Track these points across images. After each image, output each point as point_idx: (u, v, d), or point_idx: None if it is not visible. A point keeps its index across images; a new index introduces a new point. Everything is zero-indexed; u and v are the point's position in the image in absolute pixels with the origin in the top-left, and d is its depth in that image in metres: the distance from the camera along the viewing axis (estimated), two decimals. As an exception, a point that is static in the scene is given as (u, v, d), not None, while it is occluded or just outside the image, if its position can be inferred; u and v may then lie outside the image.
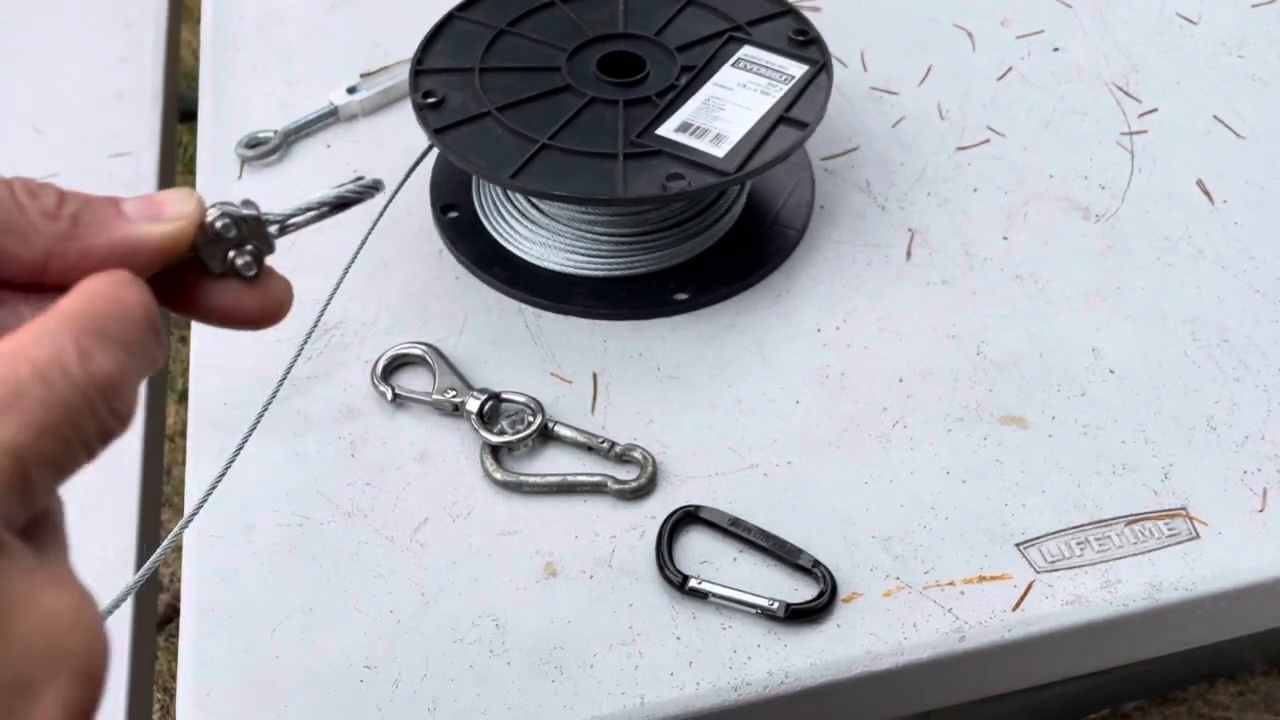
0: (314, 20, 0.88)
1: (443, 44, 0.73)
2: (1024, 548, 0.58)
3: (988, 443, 0.62)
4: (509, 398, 0.63)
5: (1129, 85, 0.82)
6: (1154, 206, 0.74)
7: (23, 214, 0.29)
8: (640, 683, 0.53)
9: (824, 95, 0.69)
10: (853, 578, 0.57)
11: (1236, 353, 0.66)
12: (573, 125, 0.67)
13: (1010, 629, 0.55)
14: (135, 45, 0.89)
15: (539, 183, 0.64)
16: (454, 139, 0.67)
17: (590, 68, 0.71)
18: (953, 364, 0.66)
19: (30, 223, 0.29)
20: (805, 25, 0.73)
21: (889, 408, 0.64)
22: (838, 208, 0.74)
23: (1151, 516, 0.59)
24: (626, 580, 0.57)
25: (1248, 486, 0.60)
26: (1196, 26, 0.87)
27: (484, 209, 0.73)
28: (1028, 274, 0.70)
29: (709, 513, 0.58)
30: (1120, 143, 0.78)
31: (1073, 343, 0.67)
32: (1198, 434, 0.62)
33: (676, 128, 0.67)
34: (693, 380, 0.65)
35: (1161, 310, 0.68)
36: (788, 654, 0.54)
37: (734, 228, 0.72)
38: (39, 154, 0.81)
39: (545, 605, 0.56)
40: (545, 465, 0.61)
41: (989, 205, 0.74)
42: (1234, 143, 0.78)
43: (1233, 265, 0.71)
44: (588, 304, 0.68)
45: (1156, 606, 0.56)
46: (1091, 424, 0.63)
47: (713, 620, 0.55)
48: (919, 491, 0.60)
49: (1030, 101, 0.81)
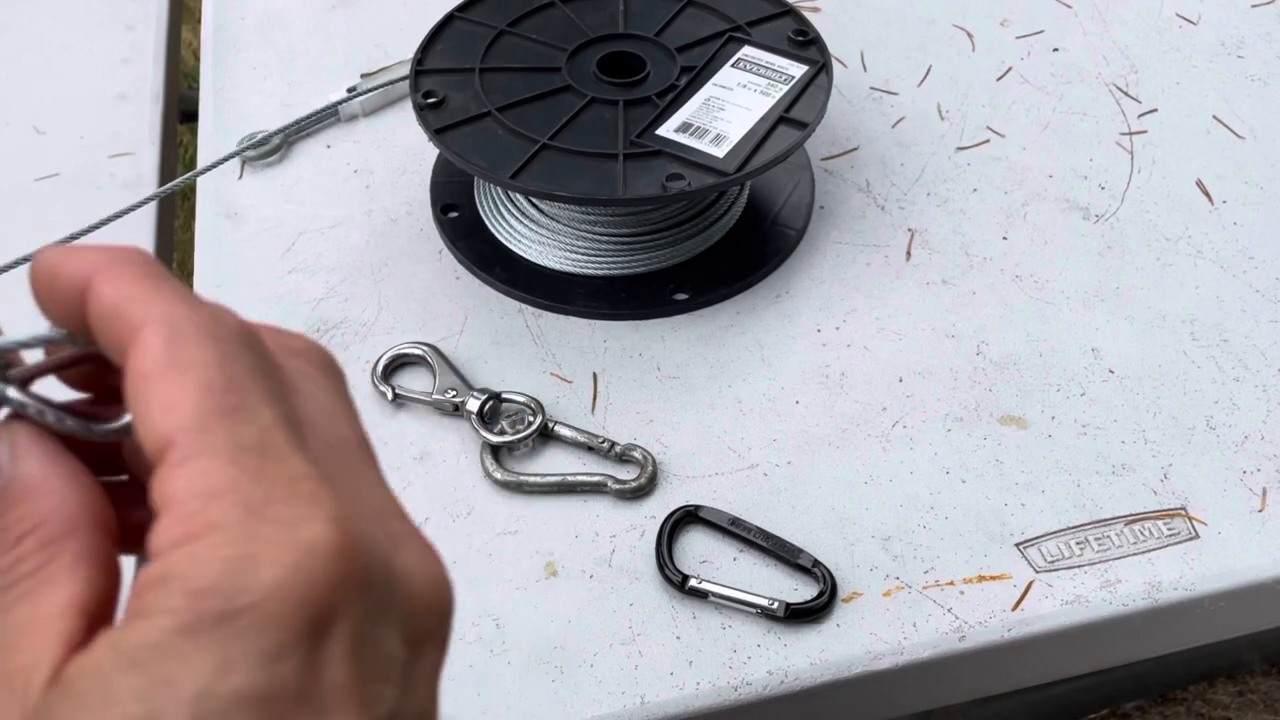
0: (314, 21, 0.89)
1: (443, 44, 0.73)
2: (1023, 547, 0.58)
3: (987, 442, 0.62)
4: (509, 398, 0.63)
5: (1128, 86, 0.83)
6: (1153, 207, 0.74)
7: None
8: (640, 682, 0.53)
9: (824, 95, 0.69)
10: (852, 577, 0.57)
11: (1236, 353, 0.66)
12: (573, 125, 0.67)
13: (1010, 629, 0.55)
14: (137, 46, 0.89)
15: (539, 183, 0.64)
16: (454, 139, 0.67)
17: (590, 68, 0.71)
18: (952, 364, 0.66)
19: None
20: (805, 25, 0.74)
21: (888, 408, 0.64)
22: (837, 208, 0.74)
23: (1151, 516, 0.59)
24: (626, 580, 0.57)
25: (1247, 486, 0.60)
26: (1196, 27, 0.87)
27: (484, 209, 0.73)
28: (1027, 274, 0.70)
29: (709, 512, 0.58)
30: (1120, 143, 0.78)
31: (1072, 343, 0.67)
32: (1197, 434, 0.62)
33: (676, 128, 0.67)
34: (693, 380, 0.65)
35: (1161, 310, 0.68)
36: (788, 654, 0.54)
37: (734, 228, 0.72)
38: (40, 154, 0.81)
39: (545, 605, 0.56)
40: (545, 465, 0.61)
41: (988, 205, 0.74)
42: (1233, 143, 0.78)
43: (1232, 265, 0.71)
44: (588, 304, 0.68)
45: (1156, 606, 0.56)
46: (1091, 424, 0.63)
47: (713, 620, 0.55)
48: (918, 491, 0.60)
49: (1030, 102, 0.81)
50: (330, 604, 0.23)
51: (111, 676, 0.22)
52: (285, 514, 0.24)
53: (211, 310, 0.27)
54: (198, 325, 0.26)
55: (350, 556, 0.24)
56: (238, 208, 0.75)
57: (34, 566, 0.25)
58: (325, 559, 0.23)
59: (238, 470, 0.24)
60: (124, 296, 0.26)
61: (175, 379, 0.25)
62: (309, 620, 0.23)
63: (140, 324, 0.26)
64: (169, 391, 0.25)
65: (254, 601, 0.23)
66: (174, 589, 0.23)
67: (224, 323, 0.27)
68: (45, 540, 0.26)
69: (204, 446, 0.24)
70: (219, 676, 0.22)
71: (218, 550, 0.23)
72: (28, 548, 0.26)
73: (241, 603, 0.23)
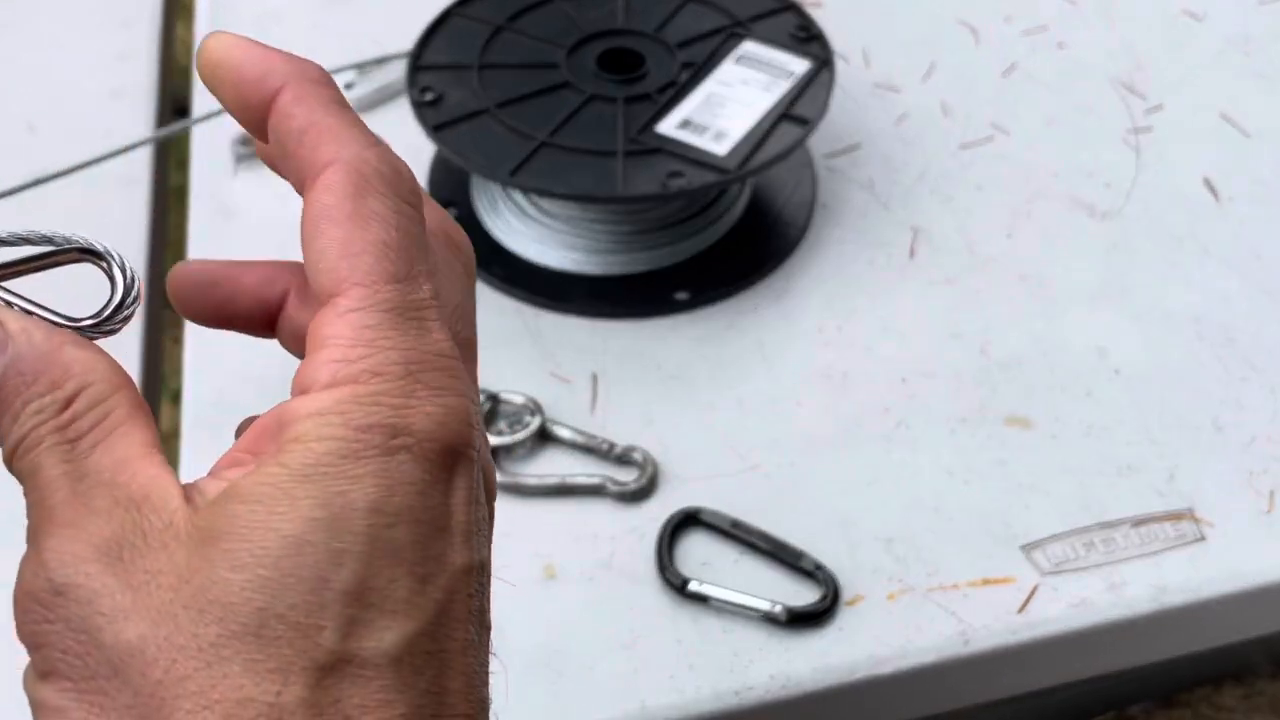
0: (311, 16, 0.88)
1: (441, 40, 0.72)
2: (1028, 550, 0.57)
3: (991, 443, 0.61)
4: (507, 398, 0.62)
5: (1134, 82, 0.82)
6: (1159, 204, 0.74)
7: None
8: (640, 687, 0.53)
9: (826, 92, 0.68)
10: (855, 580, 0.56)
11: (1243, 352, 0.65)
12: (572, 122, 0.67)
13: (1015, 632, 0.55)
14: (132, 42, 0.88)
15: (538, 181, 0.64)
16: (452, 136, 0.66)
17: (590, 64, 0.70)
18: (956, 364, 0.65)
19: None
20: (807, 21, 0.73)
21: (891, 408, 0.63)
22: (840, 206, 0.74)
23: (1157, 518, 0.58)
24: (626, 583, 0.56)
25: (1254, 488, 0.60)
26: (1202, 23, 0.86)
27: (482, 207, 0.72)
28: (1032, 273, 0.70)
29: (710, 515, 0.58)
30: (1125, 140, 0.78)
31: (1077, 342, 0.66)
32: (1204, 435, 0.62)
33: (677, 125, 0.66)
34: (693, 380, 0.65)
35: (1167, 309, 0.68)
36: (789, 658, 0.54)
37: (735, 226, 0.71)
38: (34, 152, 0.80)
39: (544, 608, 0.56)
40: (544, 467, 0.61)
41: (993, 203, 0.74)
42: (1240, 140, 0.78)
43: (1239, 264, 0.70)
44: (587, 303, 0.68)
45: (1162, 609, 0.56)
46: (1096, 424, 0.62)
47: (714, 624, 0.55)
48: (922, 493, 0.59)
49: (1035, 98, 0.81)
50: (461, 456, 0.28)
51: (289, 487, 0.26)
52: (433, 380, 0.28)
53: (393, 161, 0.29)
54: (383, 177, 0.29)
55: (472, 425, 0.28)
56: (231, 205, 0.74)
57: (93, 422, 0.28)
58: (460, 422, 0.28)
59: (399, 333, 0.27)
60: (313, 123, 0.29)
61: (357, 229, 0.28)
62: (447, 466, 0.27)
63: (329, 160, 0.28)
64: (350, 240, 0.28)
65: (409, 444, 0.27)
66: (335, 422, 0.26)
67: (404, 178, 0.29)
68: (95, 399, 0.28)
69: (375, 302, 0.27)
70: (385, 496, 0.26)
71: (382, 396, 0.27)
72: (81, 406, 0.28)
73: (399, 442, 0.27)
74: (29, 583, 0.26)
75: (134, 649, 0.25)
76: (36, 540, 0.27)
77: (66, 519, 0.26)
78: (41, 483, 0.27)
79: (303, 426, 0.27)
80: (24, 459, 0.28)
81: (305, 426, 0.27)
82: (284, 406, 0.27)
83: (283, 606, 0.25)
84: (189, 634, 0.25)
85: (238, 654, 0.25)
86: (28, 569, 0.27)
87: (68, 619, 0.26)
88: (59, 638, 0.26)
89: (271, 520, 0.25)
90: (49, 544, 0.26)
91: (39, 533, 0.27)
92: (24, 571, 0.27)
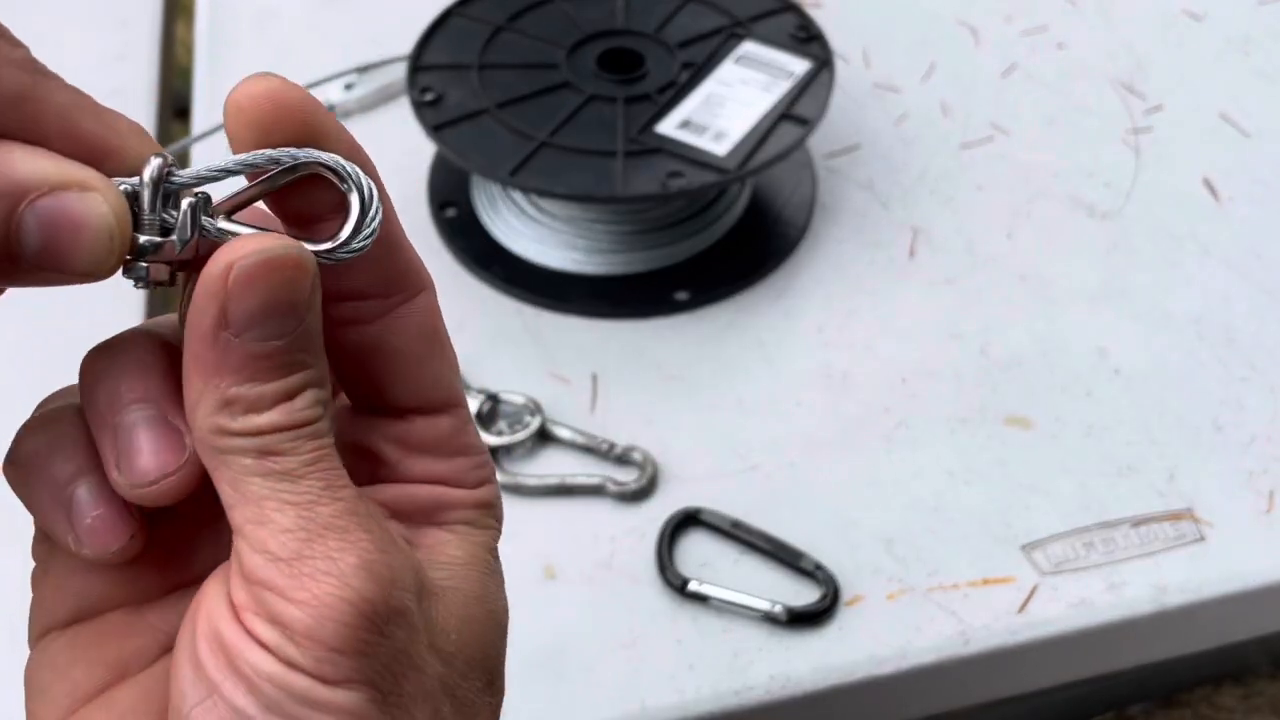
0: (310, 16, 0.88)
1: (441, 40, 0.72)
2: (1028, 550, 0.57)
3: (992, 444, 0.61)
4: (507, 398, 0.62)
5: (1134, 82, 0.82)
6: (1159, 204, 0.74)
7: None
8: (640, 687, 0.53)
9: (826, 92, 0.68)
10: (855, 580, 0.56)
11: (1243, 352, 0.65)
12: (572, 122, 0.67)
13: (1015, 632, 0.54)
14: (131, 42, 0.88)
15: (538, 181, 0.64)
16: (452, 136, 0.66)
17: (589, 64, 0.70)
18: (956, 364, 0.65)
19: None
20: (807, 21, 0.73)
21: (892, 408, 0.63)
22: (840, 206, 0.74)
23: (1157, 518, 0.58)
24: (626, 583, 0.56)
25: (1254, 488, 0.59)
26: (1202, 23, 0.86)
27: (482, 207, 0.72)
28: (1032, 273, 0.70)
29: (710, 515, 0.58)
30: (1125, 140, 0.78)
31: (1078, 342, 0.66)
32: (1204, 435, 0.62)
33: (677, 125, 0.66)
34: (693, 380, 0.64)
35: (1167, 309, 0.68)
36: (790, 658, 0.53)
37: (735, 226, 0.71)
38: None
39: (544, 608, 0.55)
40: (544, 467, 0.61)
41: (993, 203, 0.74)
42: (1240, 140, 0.78)
43: (1239, 264, 0.70)
44: (587, 303, 0.68)
45: (1162, 609, 0.55)
46: (1096, 425, 0.62)
47: (714, 624, 0.55)
48: (922, 493, 0.59)
49: (1034, 98, 0.81)
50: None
51: (491, 562, 0.33)
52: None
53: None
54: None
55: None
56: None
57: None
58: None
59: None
60: (404, 243, 0.29)
61: (451, 351, 0.31)
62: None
63: (425, 284, 0.30)
64: (451, 359, 0.31)
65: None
66: (495, 514, 0.33)
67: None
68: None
69: (469, 416, 0.32)
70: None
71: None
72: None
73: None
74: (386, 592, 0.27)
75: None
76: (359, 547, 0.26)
77: (391, 544, 0.28)
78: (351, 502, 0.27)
79: (478, 513, 0.33)
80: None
81: (480, 515, 0.33)
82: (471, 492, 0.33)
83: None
84: None
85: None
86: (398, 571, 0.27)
87: (394, 638, 0.27)
88: (387, 654, 0.27)
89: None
90: (392, 562, 0.27)
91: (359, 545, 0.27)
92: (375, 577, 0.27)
